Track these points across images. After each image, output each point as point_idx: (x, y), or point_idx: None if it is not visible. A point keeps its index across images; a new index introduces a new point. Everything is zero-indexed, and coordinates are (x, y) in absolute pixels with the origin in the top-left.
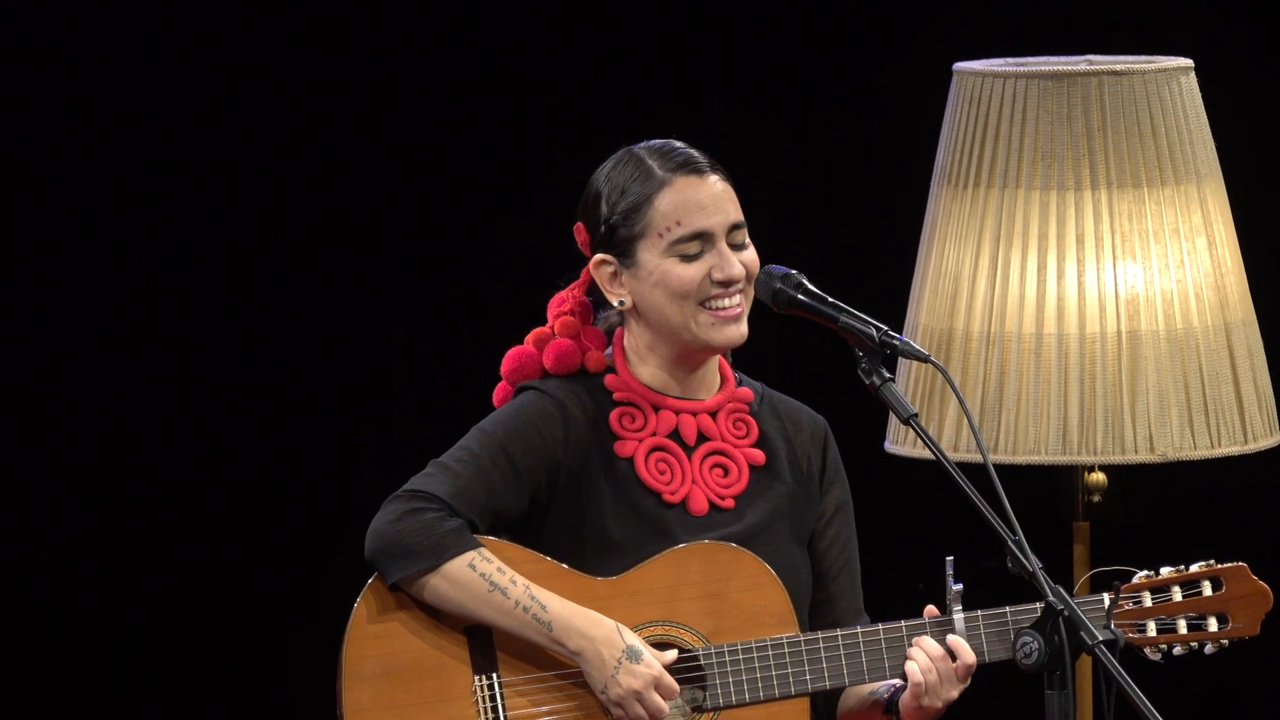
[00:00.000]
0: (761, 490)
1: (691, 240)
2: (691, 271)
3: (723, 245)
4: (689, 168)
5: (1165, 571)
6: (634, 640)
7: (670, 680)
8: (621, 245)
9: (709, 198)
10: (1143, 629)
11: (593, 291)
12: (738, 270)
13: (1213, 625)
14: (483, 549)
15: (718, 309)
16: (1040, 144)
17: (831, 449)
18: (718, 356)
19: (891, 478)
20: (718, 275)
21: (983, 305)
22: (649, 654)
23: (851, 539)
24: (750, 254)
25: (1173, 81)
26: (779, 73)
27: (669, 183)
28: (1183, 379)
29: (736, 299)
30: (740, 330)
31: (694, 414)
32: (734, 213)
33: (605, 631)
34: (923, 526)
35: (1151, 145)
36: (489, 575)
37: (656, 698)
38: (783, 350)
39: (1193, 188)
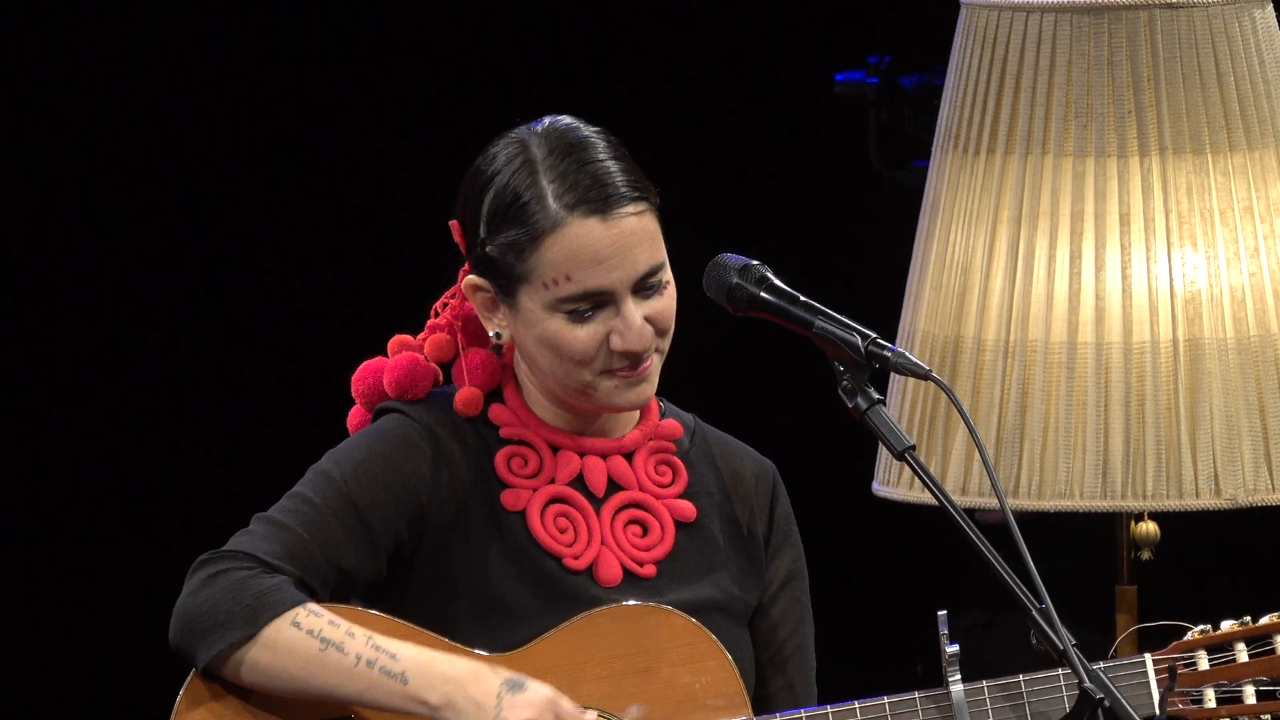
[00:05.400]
0: (690, 556)
1: (583, 299)
2: (584, 337)
3: (627, 304)
4: (590, 206)
5: (1226, 625)
6: (511, 673)
7: (569, 704)
8: (501, 280)
9: (610, 247)
10: (1199, 699)
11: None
12: (640, 342)
13: None
14: (308, 603)
15: (620, 370)
16: (1073, 98)
17: (781, 502)
18: None
19: (881, 527)
20: (617, 344)
21: (999, 306)
22: (535, 682)
23: (804, 619)
24: (666, 300)
25: (1244, 17)
26: (733, 5)
27: (562, 224)
28: (1257, 401)
29: (646, 360)
30: (647, 391)
31: (604, 455)
32: (645, 258)
33: (473, 670)
34: (921, 589)
35: (1217, 99)
36: (319, 631)
37: None
38: (737, 362)
39: (1270, 154)
